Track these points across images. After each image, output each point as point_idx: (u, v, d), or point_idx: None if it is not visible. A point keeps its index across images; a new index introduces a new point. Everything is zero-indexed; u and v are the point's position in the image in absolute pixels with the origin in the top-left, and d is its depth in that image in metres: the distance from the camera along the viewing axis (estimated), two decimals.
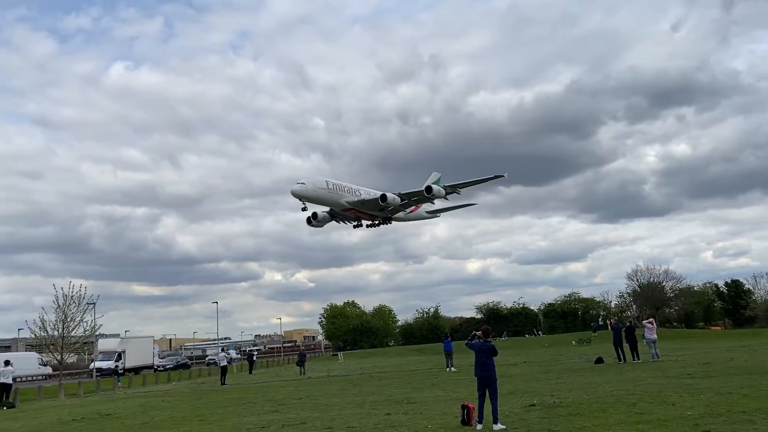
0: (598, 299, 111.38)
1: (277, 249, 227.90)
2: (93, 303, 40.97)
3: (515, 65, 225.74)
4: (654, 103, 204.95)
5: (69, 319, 37.62)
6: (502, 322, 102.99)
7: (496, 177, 50.06)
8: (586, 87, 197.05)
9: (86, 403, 30.09)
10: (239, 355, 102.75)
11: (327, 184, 47.06)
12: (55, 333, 37.62)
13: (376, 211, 51.47)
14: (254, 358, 62.72)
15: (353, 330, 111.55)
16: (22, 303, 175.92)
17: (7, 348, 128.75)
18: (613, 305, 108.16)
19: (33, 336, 40.20)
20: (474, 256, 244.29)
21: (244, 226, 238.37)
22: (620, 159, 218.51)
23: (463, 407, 13.59)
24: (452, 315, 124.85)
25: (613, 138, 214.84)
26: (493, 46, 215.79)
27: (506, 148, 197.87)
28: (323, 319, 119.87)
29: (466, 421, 13.33)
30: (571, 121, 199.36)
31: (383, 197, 48.32)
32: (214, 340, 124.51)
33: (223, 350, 52.67)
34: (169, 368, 70.47)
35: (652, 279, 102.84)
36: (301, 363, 48.03)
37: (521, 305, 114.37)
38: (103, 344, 73.17)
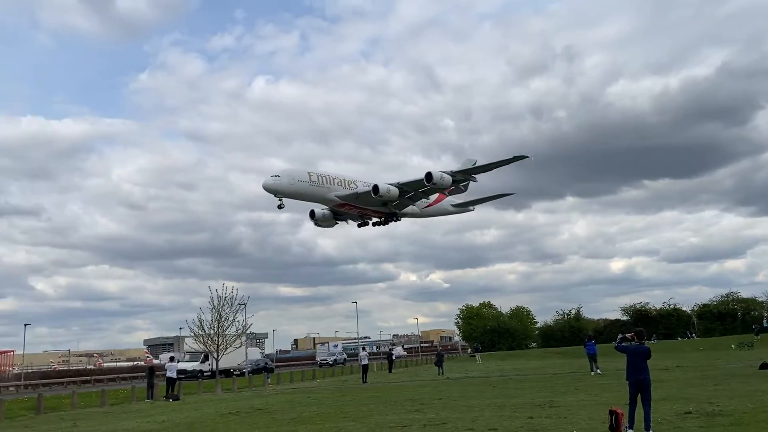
0: (760, 299, 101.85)
1: (411, 250, 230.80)
2: (244, 304, 43.62)
3: (657, 50, 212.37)
4: None
5: (223, 319, 40.41)
6: (650, 325, 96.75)
7: (518, 158, 41.63)
8: (740, 68, 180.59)
9: (240, 398, 32.17)
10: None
11: (309, 176, 40.90)
12: (211, 332, 40.58)
13: (375, 206, 44.74)
14: (393, 357, 63.77)
15: (490, 331, 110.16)
16: (182, 304, 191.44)
17: (170, 345, 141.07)
18: None
19: (192, 334, 43.48)
20: (618, 255, 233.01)
21: (378, 228, 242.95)
22: None
23: (611, 412, 12.95)
24: (595, 317, 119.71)
25: None
26: (631, 32, 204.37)
27: (650, 139, 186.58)
28: (459, 320, 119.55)
29: (614, 427, 12.68)
30: (724, 106, 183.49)
31: (375, 188, 41.51)
32: (355, 338, 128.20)
33: (364, 349, 54.02)
34: (247, 371, 62.63)
35: None
36: (439, 363, 48.22)
37: (671, 306, 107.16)
38: (189, 343, 65.66)
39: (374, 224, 48.40)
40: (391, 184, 41.98)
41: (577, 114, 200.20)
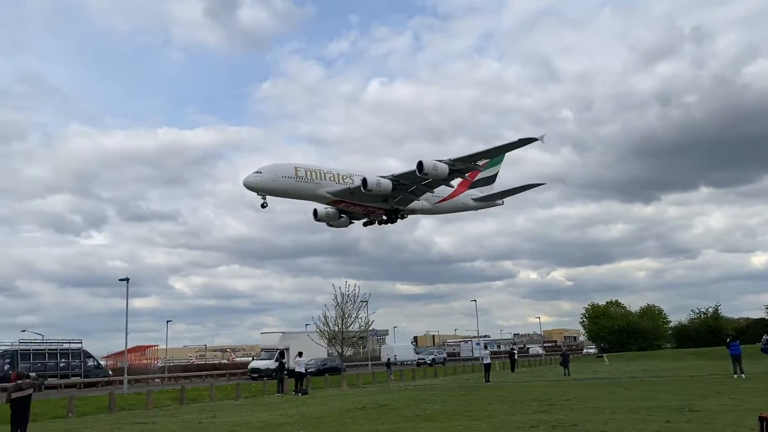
0: None
1: (531, 247, 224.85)
2: (365, 301, 44.72)
3: None
4: None
5: (347, 315, 41.63)
6: None
7: (526, 141, 36.74)
8: None
9: (365, 394, 32.91)
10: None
11: (296, 171, 37.09)
12: (335, 328, 41.95)
13: (373, 203, 40.16)
14: (516, 356, 62.64)
15: (618, 331, 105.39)
16: (308, 301, 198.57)
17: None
18: None
19: (318, 330, 45.29)
20: (760, 249, 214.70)
21: (494, 225, 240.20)
22: None
23: (761, 419, 11.94)
24: (734, 316, 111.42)
25: None
26: (766, 7, 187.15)
27: None
28: (584, 319, 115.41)
29: None
30: None
31: (364, 182, 37.16)
32: (473, 337, 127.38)
33: (486, 348, 53.51)
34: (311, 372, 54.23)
35: None
36: (564, 363, 46.78)
37: None
38: (264, 340, 64.47)
39: (379, 223, 43.69)
40: (383, 177, 37.98)
41: (709, 98, 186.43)
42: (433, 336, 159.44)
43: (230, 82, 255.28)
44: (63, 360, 52.42)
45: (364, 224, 44.00)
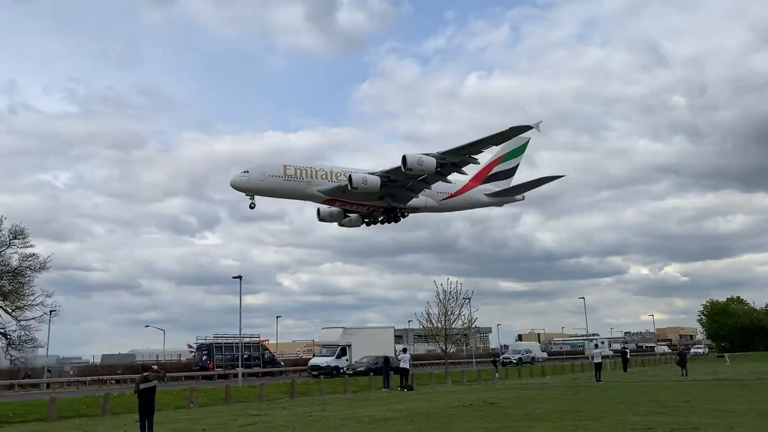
0: None
1: (642, 241, 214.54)
2: (468, 298, 44.36)
3: None
4: None
5: (449, 313, 41.52)
6: None
7: (519, 129, 33.42)
8: None
9: (470, 391, 32.70)
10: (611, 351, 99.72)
11: (285, 169, 35.29)
12: (438, 325, 41.94)
13: (368, 201, 37.44)
14: (628, 355, 60.09)
15: (741, 329, 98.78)
16: (408, 298, 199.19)
17: (398, 338, 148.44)
18: None
19: (421, 327, 45.44)
20: None
21: (603, 220, 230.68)
22: None
23: None
24: None
25: None
26: None
27: None
28: (703, 317, 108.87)
29: None
30: None
31: (350, 179, 34.60)
32: (582, 335, 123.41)
33: (597, 346, 51.81)
34: (361, 371, 51.00)
35: None
36: (682, 363, 44.31)
37: None
38: (325, 336, 62.56)
39: (381, 222, 40.93)
40: (371, 174, 35.62)
41: None
42: (538, 334, 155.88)
43: (331, 85, 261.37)
44: (246, 352, 57.87)
45: (367, 224, 41.61)
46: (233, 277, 47.66)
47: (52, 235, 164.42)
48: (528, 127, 33.20)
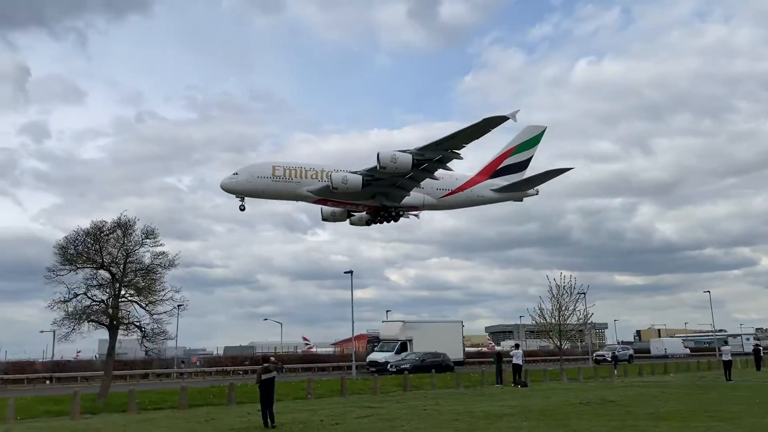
0: None
1: None
2: (583, 293, 42.86)
3: None
4: None
5: (563, 308, 40.33)
6: None
7: (493, 121, 31.16)
8: None
9: (587, 388, 31.66)
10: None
11: (273, 170, 34.50)
12: (552, 320, 40.82)
13: (355, 200, 36.04)
14: (761, 353, 55.80)
15: None
16: (518, 293, 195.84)
17: (509, 333, 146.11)
18: None
19: (534, 323, 44.40)
20: None
21: (728, 208, 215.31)
22: None
23: None
24: None
25: None
26: None
27: None
28: None
29: None
30: None
31: (330, 179, 33.85)
32: (708, 332, 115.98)
33: (726, 343, 48.51)
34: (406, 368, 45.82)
35: None
36: None
37: None
38: (385, 330, 58.65)
39: (378, 221, 39.29)
40: (353, 173, 34.37)
41: None
42: (659, 330, 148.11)
43: (434, 79, 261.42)
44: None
45: (367, 223, 40.17)
46: (344, 272, 48.85)
47: (178, 235, 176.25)
48: (505, 118, 31.36)
